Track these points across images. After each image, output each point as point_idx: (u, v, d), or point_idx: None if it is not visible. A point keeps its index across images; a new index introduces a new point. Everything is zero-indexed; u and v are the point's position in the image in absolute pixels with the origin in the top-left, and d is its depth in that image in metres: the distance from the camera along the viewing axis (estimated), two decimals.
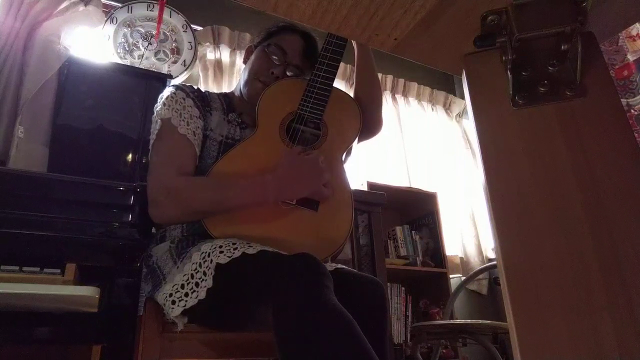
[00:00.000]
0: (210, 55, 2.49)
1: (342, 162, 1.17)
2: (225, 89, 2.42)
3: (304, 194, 1.04)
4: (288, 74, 1.26)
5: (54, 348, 1.22)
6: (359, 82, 1.32)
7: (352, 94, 1.33)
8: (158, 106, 1.15)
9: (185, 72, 2.35)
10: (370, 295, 1.03)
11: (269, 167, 1.06)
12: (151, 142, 1.15)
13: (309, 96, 1.19)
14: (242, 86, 1.28)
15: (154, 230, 1.16)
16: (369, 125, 1.28)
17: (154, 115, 1.16)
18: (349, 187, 1.13)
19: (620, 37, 2.28)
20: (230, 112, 1.24)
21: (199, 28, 2.49)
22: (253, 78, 1.25)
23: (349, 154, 1.25)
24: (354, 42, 1.30)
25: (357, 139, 1.23)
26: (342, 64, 1.25)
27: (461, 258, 2.88)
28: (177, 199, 1.03)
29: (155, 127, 1.13)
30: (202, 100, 1.20)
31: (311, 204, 1.06)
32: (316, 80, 1.20)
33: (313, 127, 1.19)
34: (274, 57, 1.25)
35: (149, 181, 1.08)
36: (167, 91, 1.17)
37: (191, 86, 1.22)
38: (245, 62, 1.34)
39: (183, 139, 1.10)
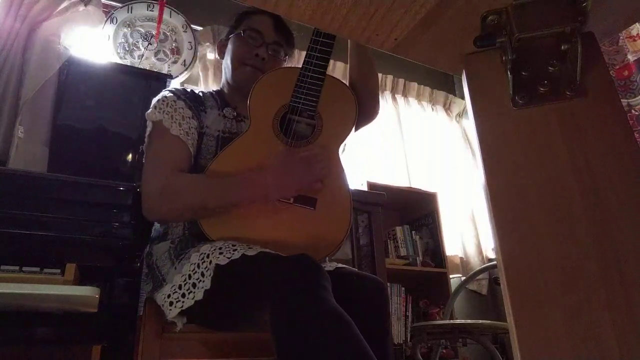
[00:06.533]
0: (210, 55, 2.48)
1: (339, 158, 1.13)
2: None
3: (295, 189, 1.03)
4: (270, 52, 1.25)
5: (54, 348, 1.22)
6: (353, 64, 1.26)
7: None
8: (149, 110, 1.15)
9: (185, 72, 2.35)
10: (372, 295, 1.02)
11: (264, 163, 1.05)
12: (144, 145, 1.15)
13: (302, 87, 1.13)
14: (229, 77, 1.27)
15: (155, 228, 1.16)
16: (365, 110, 1.22)
17: (146, 120, 1.16)
18: (347, 186, 1.10)
19: (620, 37, 2.28)
20: (225, 107, 1.23)
21: (199, 28, 2.49)
22: (239, 64, 1.24)
23: (344, 148, 1.21)
24: None
25: (354, 127, 1.18)
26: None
27: (461, 258, 2.88)
28: (170, 196, 1.02)
29: (147, 130, 1.14)
30: (195, 100, 1.19)
31: (308, 202, 1.04)
32: (308, 68, 1.15)
33: (308, 119, 1.14)
34: (251, 40, 1.24)
35: (142, 180, 1.07)
36: (158, 96, 1.17)
37: (183, 89, 1.22)
38: (220, 55, 1.33)
39: (176, 140, 1.10)
